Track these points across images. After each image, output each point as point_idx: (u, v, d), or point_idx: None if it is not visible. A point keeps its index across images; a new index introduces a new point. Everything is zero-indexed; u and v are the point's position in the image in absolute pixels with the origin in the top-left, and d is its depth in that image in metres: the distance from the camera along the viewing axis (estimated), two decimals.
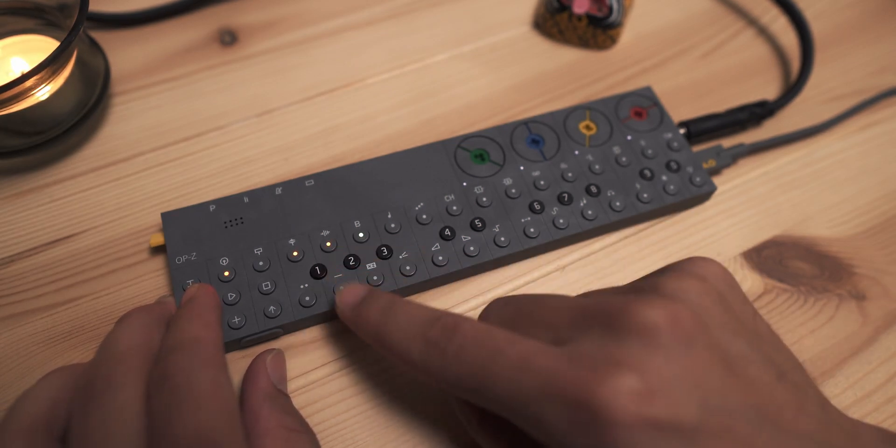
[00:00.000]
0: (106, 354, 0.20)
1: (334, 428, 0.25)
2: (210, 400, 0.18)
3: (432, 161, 0.30)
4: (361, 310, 0.23)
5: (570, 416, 0.17)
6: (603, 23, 0.35)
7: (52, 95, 0.29)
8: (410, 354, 0.20)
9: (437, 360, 0.20)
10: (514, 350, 0.18)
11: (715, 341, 0.18)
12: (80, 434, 0.18)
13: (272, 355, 0.24)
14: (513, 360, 0.18)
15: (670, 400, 0.17)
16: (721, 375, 0.18)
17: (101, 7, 0.36)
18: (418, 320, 0.21)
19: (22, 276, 0.28)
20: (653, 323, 0.18)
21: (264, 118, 0.33)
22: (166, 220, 0.27)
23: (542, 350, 0.18)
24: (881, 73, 0.37)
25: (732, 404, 0.17)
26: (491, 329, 0.20)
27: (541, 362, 0.18)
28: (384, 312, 0.22)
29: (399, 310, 0.22)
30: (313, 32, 0.37)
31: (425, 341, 0.20)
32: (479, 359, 0.19)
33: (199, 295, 0.23)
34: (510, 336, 0.19)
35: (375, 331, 0.22)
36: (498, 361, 0.18)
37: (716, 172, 0.32)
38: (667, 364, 0.17)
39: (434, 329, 0.20)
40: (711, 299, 0.20)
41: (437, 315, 0.21)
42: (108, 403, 0.18)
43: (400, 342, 0.21)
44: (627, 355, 0.17)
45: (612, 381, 0.17)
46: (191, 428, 0.17)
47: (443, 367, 0.19)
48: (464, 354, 0.19)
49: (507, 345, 0.19)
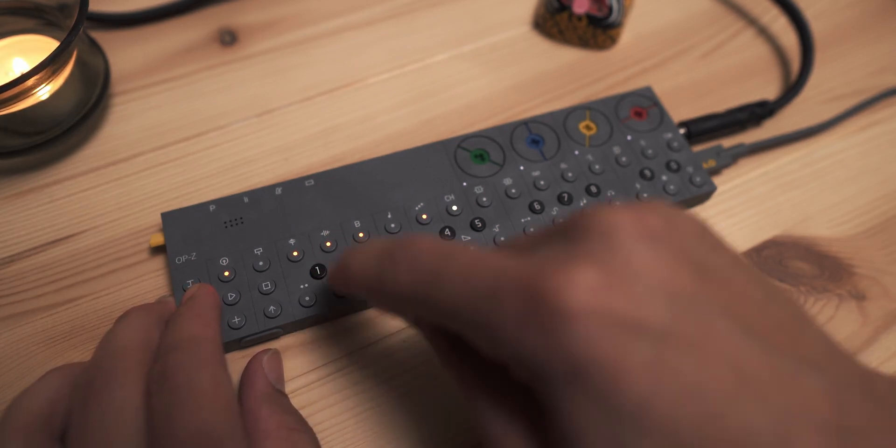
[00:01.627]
0: (105, 352, 0.20)
1: (334, 428, 0.25)
2: (210, 399, 0.18)
3: (432, 161, 0.30)
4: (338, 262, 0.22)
5: (518, 312, 0.15)
6: (603, 23, 0.35)
7: (52, 95, 0.29)
8: (367, 272, 0.19)
9: (391, 270, 0.18)
10: (468, 253, 0.17)
11: (687, 247, 0.16)
12: (80, 432, 0.18)
13: (269, 355, 0.24)
14: (464, 260, 0.17)
15: (634, 294, 0.14)
16: (694, 278, 0.15)
17: (101, 7, 0.36)
18: (380, 242, 0.20)
19: (22, 276, 0.28)
20: (615, 221, 0.16)
21: (264, 118, 0.33)
22: (166, 220, 0.27)
23: (496, 253, 0.17)
24: (881, 73, 0.37)
25: (711, 309, 0.15)
26: (448, 240, 0.19)
27: (491, 262, 0.16)
28: (351, 251, 0.21)
29: (371, 241, 0.21)
30: (313, 32, 0.37)
31: (381, 256, 0.19)
32: (431, 265, 0.17)
33: (199, 294, 0.23)
34: (466, 245, 0.18)
35: (346, 263, 0.21)
36: (449, 265, 0.17)
37: (716, 172, 0.32)
38: (630, 259, 0.15)
39: (392, 244, 0.19)
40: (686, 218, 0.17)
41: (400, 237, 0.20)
42: (108, 401, 0.18)
43: (360, 263, 0.20)
44: (585, 250, 0.15)
45: (565, 270, 0.15)
46: (191, 427, 0.17)
47: (395, 278, 0.18)
48: (416, 262, 0.18)
49: (462, 250, 0.17)
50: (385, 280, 0.19)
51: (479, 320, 0.16)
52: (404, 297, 0.18)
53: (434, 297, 0.17)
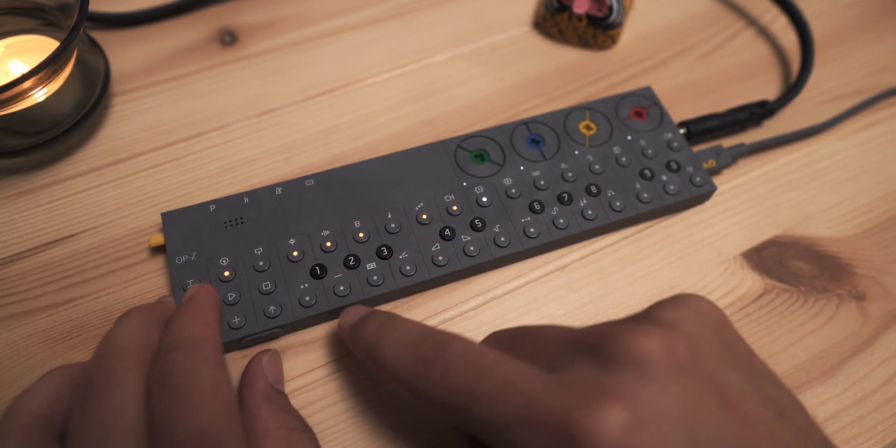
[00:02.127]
0: (105, 352, 0.20)
1: (334, 428, 0.25)
2: (210, 399, 0.18)
3: (432, 161, 0.30)
4: (359, 327, 0.23)
5: (552, 444, 0.16)
6: (603, 23, 0.35)
7: (52, 95, 0.29)
8: (399, 370, 0.20)
9: (424, 376, 0.19)
10: (502, 371, 0.18)
11: (710, 374, 0.18)
12: (79, 432, 0.18)
13: (268, 355, 0.24)
14: (499, 381, 0.18)
15: (659, 434, 0.16)
16: (716, 410, 0.17)
17: (101, 7, 0.36)
18: (411, 336, 0.21)
19: (22, 276, 0.28)
20: (646, 352, 0.17)
21: (264, 118, 0.33)
22: (166, 220, 0.27)
23: (530, 373, 0.18)
24: (881, 73, 0.37)
25: (727, 442, 0.16)
26: (482, 349, 0.19)
27: (526, 385, 0.17)
28: (380, 328, 0.22)
29: (395, 326, 0.21)
30: (313, 32, 0.37)
31: (415, 357, 0.20)
32: (466, 378, 0.18)
33: (199, 294, 0.23)
34: (500, 357, 0.19)
35: (369, 346, 0.21)
36: (484, 381, 0.18)
37: (716, 172, 0.32)
38: (658, 396, 0.16)
39: (425, 345, 0.20)
40: (708, 331, 0.19)
41: (431, 332, 0.20)
42: (108, 401, 0.18)
43: (391, 357, 0.20)
44: (617, 384, 0.16)
45: (598, 409, 0.16)
46: (191, 427, 0.17)
47: (429, 383, 0.19)
48: (451, 372, 0.19)
49: (496, 365, 0.18)
50: (417, 384, 0.19)
51: (513, 442, 0.17)
52: (436, 403, 0.19)
53: (468, 411, 0.18)
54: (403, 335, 0.21)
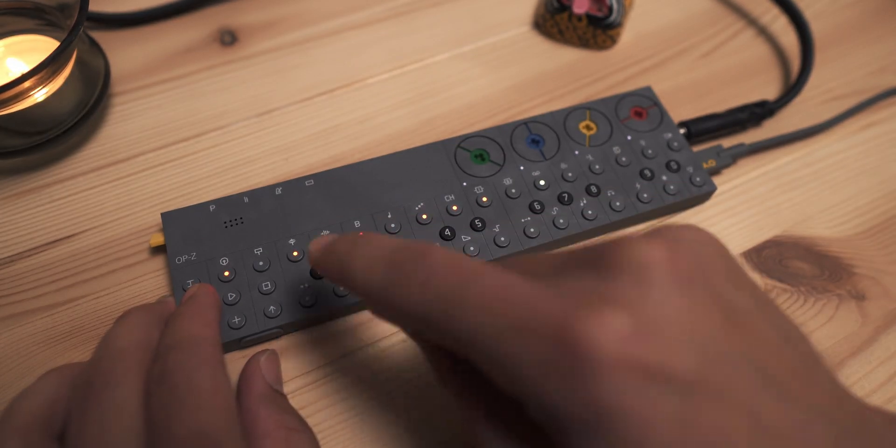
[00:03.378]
0: (104, 352, 0.20)
1: (334, 428, 0.25)
2: (209, 399, 0.18)
3: (432, 161, 0.30)
4: (330, 247, 0.20)
5: (545, 354, 0.14)
6: (603, 23, 0.35)
7: (52, 95, 0.29)
8: (372, 282, 0.18)
9: (402, 286, 0.17)
10: (490, 278, 0.16)
11: (716, 289, 0.16)
12: (78, 431, 0.18)
13: (266, 356, 0.24)
14: (487, 287, 0.16)
15: (665, 344, 0.14)
16: (722, 324, 0.15)
17: (101, 7, 0.36)
18: (386, 246, 0.19)
19: (22, 276, 0.28)
20: (649, 259, 0.16)
21: (264, 118, 0.33)
22: (166, 220, 0.27)
23: (521, 281, 0.16)
24: (881, 73, 0.37)
25: (736, 358, 0.15)
26: (465, 257, 0.17)
27: (517, 292, 0.15)
28: (352, 244, 0.20)
29: (368, 239, 0.19)
30: (313, 32, 0.37)
31: (390, 265, 0.18)
32: (449, 285, 0.16)
33: (199, 294, 0.23)
34: (487, 265, 0.17)
35: (340, 263, 0.19)
36: (470, 289, 0.16)
37: (716, 172, 0.32)
38: (662, 303, 0.15)
39: (401, 253, 0.18)
40: (712, 251, 0.17)
41: (408, 242, 0.18)
42: (107, 401, 0.18)
43: (363, 270, 0.18)
44: (618, 291, 0.15)
45: (597, 315, 0.14)
46: (190, 427, 0.17)
47: (407, 294, 0.17)
48: (432, 280, 0.17)
49: (482, 272, 0.16)
50: (393, 294, 0.17)
51: (500, 354, 0.15)
52: (413, 315, 0.17)
53: (450, 322, 0.16)
54: (377, 247, 0.19)
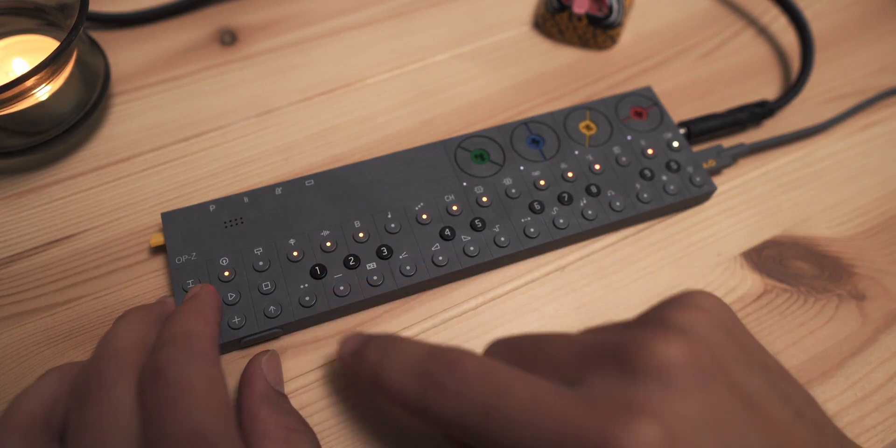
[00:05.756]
0: (102, 352, 0.20)
1: (335, 427, 0.25)
2: (205, 397, 0.18)
3: (432, 161, 0.30)
4: (360, 353, 0.22)
5: None
6: (603, 23, 0.35)
7: (52, 95, 0.29)
8: (406, 390, 0.19)
9: (436, 395, 0.18)
10: (522, 388, 0.17)
11: (732, 377, 0.17)
12: (76, 433, 0.18)
13: (267, 357, 0.24)
14: (522, 399, 0.17)
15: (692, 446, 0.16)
16: (741, 414, 0.17)
17: (101, 7, 0.36)
18: (416, 354, 0.20)
19: (22, 276, 0.28)
20: (669, 361, 0.17)
21: (264, 118, 0.33)
22: (166, 220, 0.27)
23: (553, 390, 0.17)
24: (881, 73, 0.37)
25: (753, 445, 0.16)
26: (496, 364, 0.18)
27: (553, 403, 0.17)
28: (382, 351, 0.21)
29: (397, 346, 0.21)
30: (313, 32, 0.37)
31: (423, 374, 0.19)
32: (484, 396, 0.17)
33: (200, 294, 0.23)
34: (517, 373, 0.18)
35: (373, 370, 0.20)
36: (505, 400, 0.17)
37: (716, 172, 0.32)
38: (687, 407, 0.16)
39: (433, 362, 0.19)
40: (721, 333, 0.19)
41: (437, 348, 0.19)
42: (104, 400, 0.18)
43: (396, 378, 0.19)
44: (645, 398, 0.16)
45: (632, 429, 0.15)
46: (186, 426, 0.17)
47: (442, 402, 0.18)
48: (466, 390, 0.18)
49: (515, 382, 0.17)
50: (428, 403, 0.18)
51: None
52: (449, 423, 0.18)
53: (488, 430, 0.17)
54: (407, 355, 0.20)
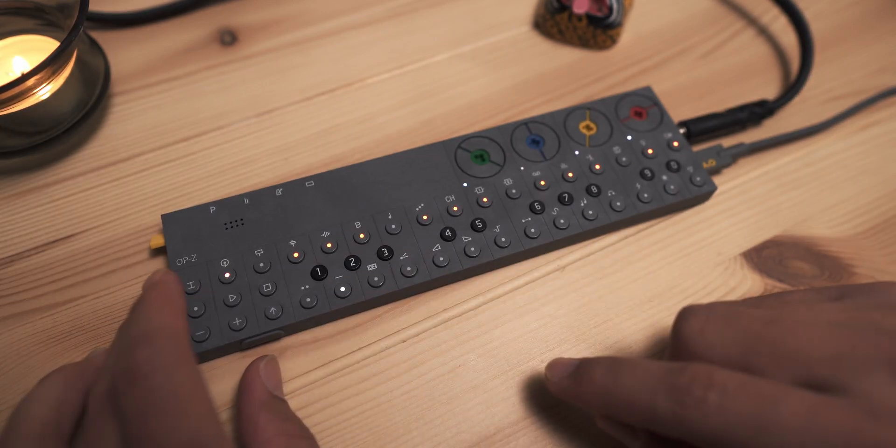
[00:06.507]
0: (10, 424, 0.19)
1: (335, 428, 0.25)
2: (195, 403, 0.17)
3: (433, 161, 0.30)
4: (582, 375, 0.21)
5: None
6: (603, 23, 0.35)
7: (52, 95, 0.29)
8: (656, 407, 0.19)
9: (694, 411, 0.18)
10: (791, 401, 0.17)
11: None
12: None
13: (265, 362, 0.24)
14: (794, 412, 0.17)
15: None
16: None
17: (101, 7, 0.36)
18: (656, 372, 0.19)
19: (22, 276, 0.28)
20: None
21: (264, 118, 0.33)
22: (166, 221, 0.27)
23: (825, 402, 0.17)
24: (881, 73, 0.37)
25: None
26: (751, 379, 0.18)
27: (830, 417, 0.16)
28: (610, 371, 0.21)
29: (627, 365, 0.20)
30: (313, 32, 0.37)
31: (673, 391, 0.19)
32: (750, 410, 0.17)
33: (164, 280, 0.21)
34: (779, 385, 0.18)
35: (605, 391, 0.20)
36: (776, 413, 0.17)
37: (716, 172, 0.32)
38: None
39: (682, 378, 0.19)
40: None
41: (679, 365, 0.19)
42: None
43: (639, 396, 0.19)
44: None
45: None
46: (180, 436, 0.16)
47: (702, 418, 0.18)
48: (729, 405, 0.17)
49: (779, 394, 0.17)
50: (687, 419, 0.18)
51: None
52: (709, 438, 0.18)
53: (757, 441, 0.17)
54: (645, 372, 0.20)
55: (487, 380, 0.26)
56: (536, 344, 0.27)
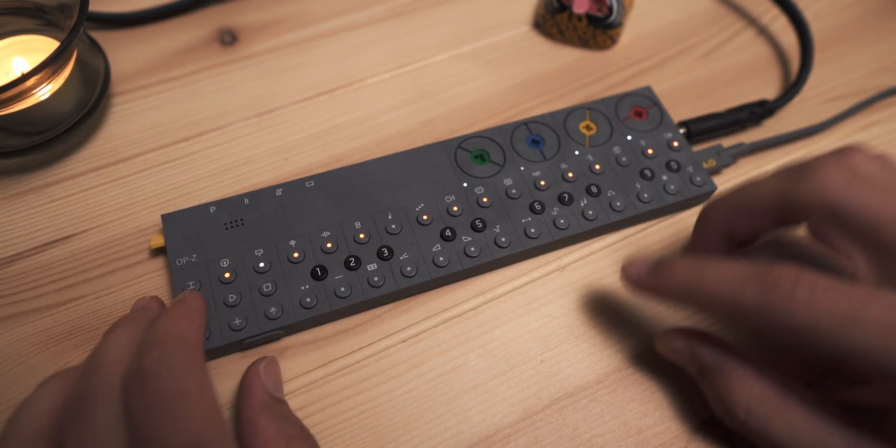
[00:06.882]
0: (91, 366, 0.19)
1: (335, 428, 0.25)
2: (199, 404, 0.18)
3: (433, 161, 0.30)
4: (663, 269, 0.23)
5: None
6: (603, 23, 0.35)
7: (52, 95, 0.29)
8: (742, 298, 0.20)
9: (782, 304, 0.19)
10: (879, 303, 0.18)
11: None
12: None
13: (265, 363, 0.24)
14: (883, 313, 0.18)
15: None
16: None
17: (101, 7, 0.36)
18: (743, 269, 0.21)
19: (22, 276, 0.28)
20: None
21: (264, 118, 0.33)
22: (166, 221, 0.27)
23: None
24: (881, 73, 0.37)
25: None
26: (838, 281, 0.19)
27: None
28: (695, 267, 0.22)
29: (712, 261, 0.21)
30: (313, 32, 0.37)
31: (762, 285, 0.20)
32: (836, 308, 0.18)
33: (189, 298, 0.23)
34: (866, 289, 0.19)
35: (690, 285, 0.21)
36: (866, 312, 0.18)
37: (716, 172, 0.32)
38: None
39: (771, 274, 0.20)
40: None
41: (766, 265, 0.20)
42: (95, 419, 0.18)
43: (728, 289, 0.20)
44: None
45: None
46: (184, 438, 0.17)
47: (789, 311, 0.19)
48: (817, 302, 0.18)
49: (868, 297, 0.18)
50: (773, 310, 0.19)
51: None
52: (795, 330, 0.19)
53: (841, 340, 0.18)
54: (731, 268, 0.21)
55: (487, 380, 0.26)
56: (536, 344, 0.27)
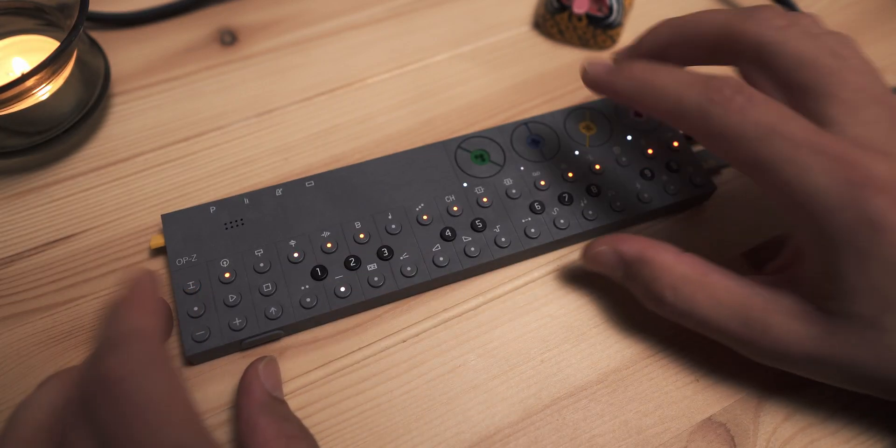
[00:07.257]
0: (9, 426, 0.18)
1: (334, 428, 0.25)
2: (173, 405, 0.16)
3: (433, 161, 0.30)
4: (622, 68, 0.24)
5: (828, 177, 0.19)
6: (603, 23, 0.35)
7: (52, 95, 0.29)
8: (685, 99, 0.21)
9: (718, 107, 0.20)
10: (800, 122, 0.20)
11: None
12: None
13: (264, 363, 0.24)
14: (799, 130, 0.20)
15: None
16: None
17: (101, 7, 0.36)
18: (693, 75, 0.22)
19: (22, 276, 0.28)
20: None
21: (264, 118, 0.33)
22: (166, 221, 0.27)
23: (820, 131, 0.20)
24: (881, 73, 0.37)
25: None
26: (774, 100, 0.21)
27: (825, 141, 0.19)
28: (649, 68, 0.23)
29: (665, 67, 0.23)
30: (313, 32, 0.37)
31: (705, 89, 0.21)
32: (765, 119, 0.20)
33: (137, 279, 0.20)
34: (790, 110, 0.20)
35: (642, 83, 0.22)
36: (788, 126, 0.20)
37: (716, 172, 0.32)
38: None
39: (716, 81, 0.21)
40: None
41: (715, 75, 0.21)
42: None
43: (673, 88, 0.21)
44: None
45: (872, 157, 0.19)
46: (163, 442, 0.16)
47: (723, 115, 0.20)
48: (749, 110, 0.20)
49: (793, 116, 0.20)
50: (709, 113, 0.21)
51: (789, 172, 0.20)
52: (726, 136, 0.20)
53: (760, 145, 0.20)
54: (681, 73, 0.22)
55: (487, 380, 0.26)
56: (536, 344, 0.27)
